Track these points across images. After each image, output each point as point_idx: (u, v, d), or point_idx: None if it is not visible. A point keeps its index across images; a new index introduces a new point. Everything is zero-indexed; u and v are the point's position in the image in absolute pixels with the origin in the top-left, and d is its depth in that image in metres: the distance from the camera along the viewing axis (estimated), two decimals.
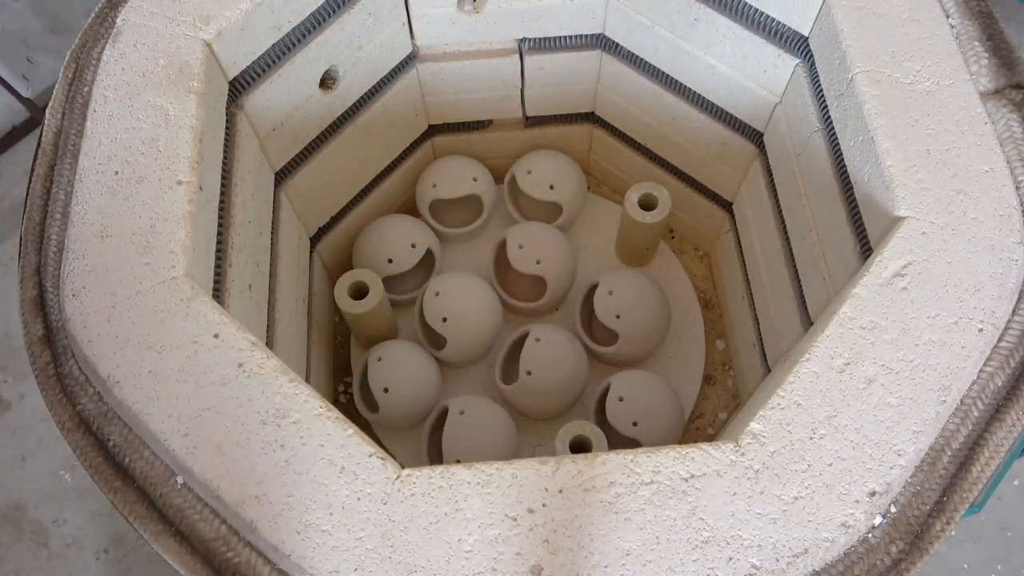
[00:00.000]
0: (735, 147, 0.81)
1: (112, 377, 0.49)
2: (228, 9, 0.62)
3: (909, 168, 0.53)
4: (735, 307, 0.89)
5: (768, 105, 0.74)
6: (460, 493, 0.45)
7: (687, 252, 1.00)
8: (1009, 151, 0.54)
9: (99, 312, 0.51)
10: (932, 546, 0.45)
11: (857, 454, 0.45)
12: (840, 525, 0.44)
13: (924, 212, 0.52)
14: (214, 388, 0.48)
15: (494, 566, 0.43)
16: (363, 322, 0.84)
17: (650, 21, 0.78)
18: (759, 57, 0.71)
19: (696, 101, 0.81)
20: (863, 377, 0.47)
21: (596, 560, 0.43)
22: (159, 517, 0.48)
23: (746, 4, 0.69)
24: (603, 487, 0.45)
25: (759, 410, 0.47)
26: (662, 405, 0.80)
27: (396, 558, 0.44)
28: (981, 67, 0.57)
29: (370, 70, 0.80)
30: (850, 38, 0.59)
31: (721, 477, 0.45)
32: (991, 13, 0.60)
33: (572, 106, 0.93)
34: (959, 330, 0.48)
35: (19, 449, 1.08)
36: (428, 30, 0.82)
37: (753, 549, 0.43)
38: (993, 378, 0.49)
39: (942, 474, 0.47)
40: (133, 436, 0.50)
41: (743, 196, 0.84)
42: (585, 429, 0.72)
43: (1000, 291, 0.49)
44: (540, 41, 0.84)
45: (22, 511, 1.04)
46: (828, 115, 0.63)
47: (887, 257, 0.51)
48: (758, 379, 0.80)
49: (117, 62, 0.60)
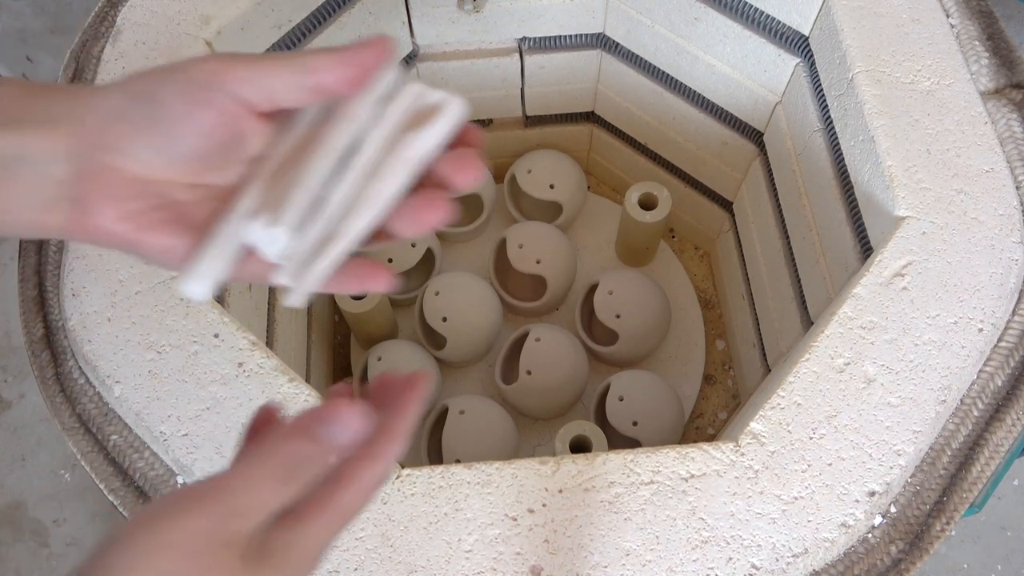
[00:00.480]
0: (735, 146, 0.81)
1: (112, 377, 0.49)
2: (228, 8, 0.62)
3: (909, 168, 0.53)
4: (735, 307, 0.89)
5: (768, 104, 0.74)
6: (460, 493, 0.45)
7: (687, 252, 1.00)
8: (1009, 151, 0.54)
9: (99, 312, 0.51)
10: (932, 546, 0.45)
11: (857, 454, 0.45)
12: (840, 525, 0.44)
13: (924, 212, 0.52)
14: (214, 388, 0.48)
15: (494, 566, 0.43)
16: (363, 322, 0.84)
17: (650, 20, 0.78)
18: (759, 56, 0.71)
19: (696, 100, 0.81)
20: (863, 377, 0.47)
21: (596, 560, 0.43)
22: None
23: (746, 3, 0.69)
24: (603, 487, 0.45)
25: (759, 410, 0.47)
26: (662, 405, 0.80)
27: (396, 558, 0.44)
28: (981, 67, 0.57)
29: None
30: (850, 38, 0.59)
31: (721, 477, 0.45)
32: (991, 13, 0.60)
33: (572, 106, 0.93)
34: (959, 330, 0.48)
35: (19, 449, 1.08)
36: (428, 29, 0.82)
37: (753, 549, 0.43)
38: (993, 378, 0.49)
39: (942, 474, 0.47)
40: (133, 436, 0.50)
41: (743, 196, 0.84)
42: (585, 429, 0.72)
43: (1000, 291, 0.49)
44: (540, 41, 0.84)
45: (22, 511, 1.05)
46: (828, 115, 0.63)
47: (887, 257, 0.51)
48: (758, 379, 0.80)
49: (117, 61, 0.60)
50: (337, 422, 0.26)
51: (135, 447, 0.49)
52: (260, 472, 0.25)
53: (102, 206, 0.28)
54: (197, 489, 0.25)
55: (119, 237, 0.28)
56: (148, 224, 0.28)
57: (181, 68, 0.28)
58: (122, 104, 0.28)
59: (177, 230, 0.29)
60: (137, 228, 0.28)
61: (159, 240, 0.28)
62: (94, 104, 0.28)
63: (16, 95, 0.28)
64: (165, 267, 0.30)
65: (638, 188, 0.86)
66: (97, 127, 0.27)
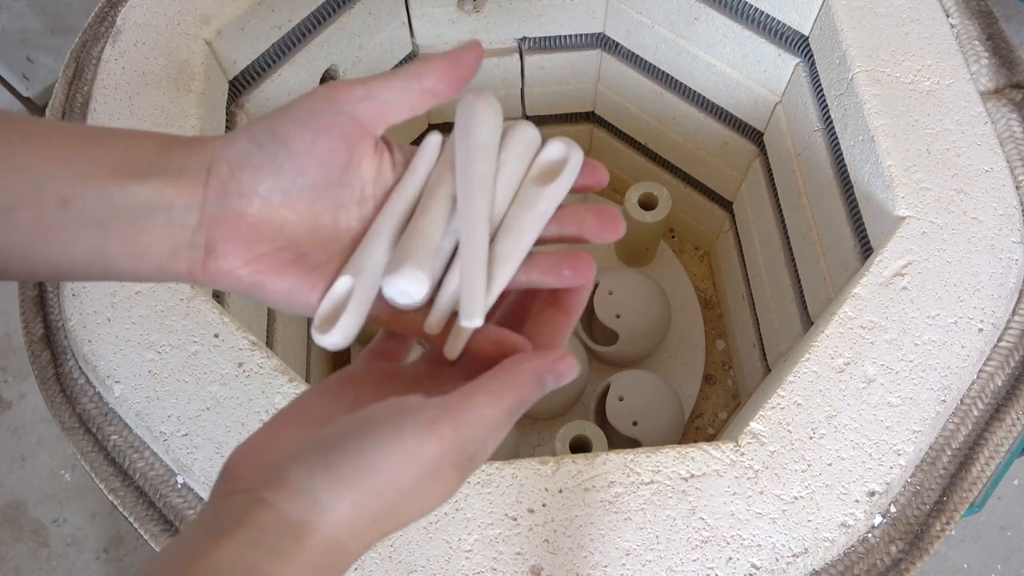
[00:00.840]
0: (735, 146, 0.81)
1: (112, 377, 0.49)
2: (228, 8, 0.62)
3: (909, 168, 0.53)
4: (735, 307, 0.89)
5: (768, 104, 0.74)
6: (460, 493, 0.45)
7: (687, 252, 1.00)
8: (1009, 151, 0.54)
9: (99, 312, 0.51)
10: (932, 546, 0.45)
11: (857, 454, 0.45)
12: (840, 525, 0.44)
13: (924, 212, 0.52)
14: (214, 388, 0.48)
15: (494, 566, 0.43)
16: None
17: (650, 20, 0.78)
18: (759, 56, 0.71)
19: (696, 100, 0.81)
20: (863, 377, 0.47)
21: (596, 560, 0.43)
22: (159, 517, 0.48)
23: (746, 3, 0.69)
24: (603, 487, 0.45)
25: (759, 410, 0.47)
26: (662, 405, 0.80)
27: (396, 558, 0.44)
28: (981, 67, 0.57)
29: (370, 69, 0.80)
30: (850, 37, 0.59)
31: (721, 477, 0.45)
32: (991, 12, 0.60)
33: (572, 106, 0.93)
34: (959, 330, 0.48)
35: (19, 449, 1.08)
36: (428, 29, 0.82)
37: (753, 549, 0.43)
38: (993, 378, 0.49)
39: (942, 474, 0.47)
40: (133, 436, 0.50)
41: (743, 195, 0.84)
42: (585, 429, 0.72)
43: (1000, 291, 0.49)
44: (540, 41, 0.84)
45: (22, 511, 1.05)
46: (828, 114, 0.63)
47: (887, 257, 0.51)
48: (758, 379, 0.80)
49: (117, 61, 0.60)
50: (563, 377, 0.29)
51: (135, 447, 0.49)
52: (493, 412, 0.27)
53: (228, 251, 0.29)
54: (431, 410, 0.27)
55: (243, 281, 0.29)
56: (272, 267, 0.29)
57: (299, 100, 0.29)
58: (248, 149, 0.29)
59: (300, 272, 0.30)
60: (262, 271, 0.29)
61: (283, 283, 0.30)
62: (220, 153, 0.29)
63: (153, 148, 0.29)
64: (283, 308, 0.30)
65: (638, 188, 0.86)
66: (225, 174, 0.29)
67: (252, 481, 0.27)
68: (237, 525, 0.25)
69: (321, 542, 0.26)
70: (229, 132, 0.34)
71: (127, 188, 0.28)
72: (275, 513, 0.26)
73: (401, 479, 0.26)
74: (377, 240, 0.30)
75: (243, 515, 0.26)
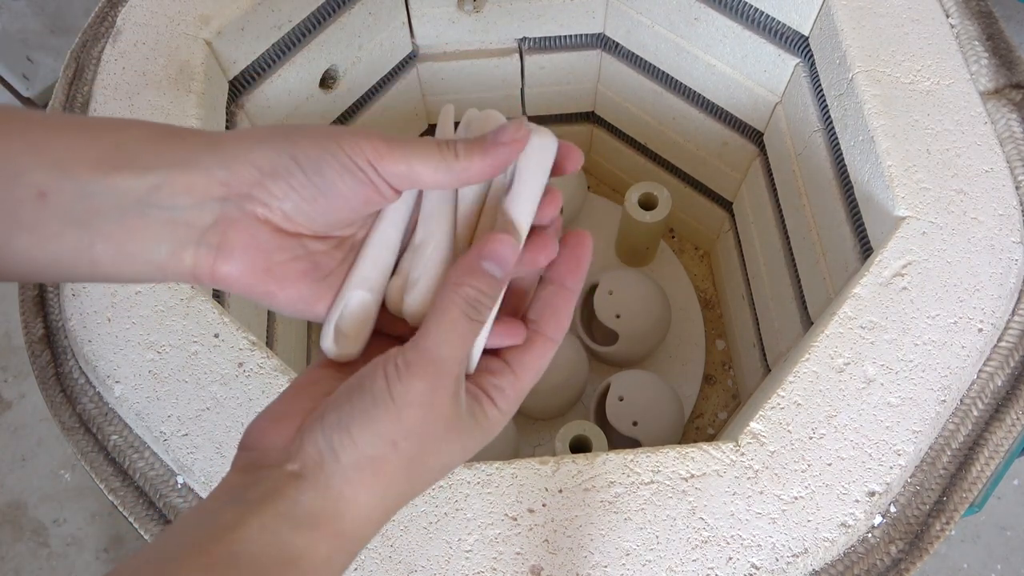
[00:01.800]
0: (735, 146, 0.81)
1: (112, 377, 0.49)
2: (228, 8, 0.62)
3: (909, 168, 0.53)
4: (735, 307, 0.89)
5: (768, 105, 0.74)
6: (460, 493, 0.45)
7: (687, 252, 1.00)
8: (1009, 151, 0.54)
9: (99, 312, 0.51)
10: (932, 546, 0.45)
11: (857, 454, 0.45)
12: (840, 525, 0.44)
13: (924, 212, 0.52)
14: (214, 388, 0.48)
15: (494, 566, 0.43)
16: None
17: (650, 20, 0.78)
18: (759, 56, 0.71)
19: (696, 101, 0.81)
20: (863, 377, 0.47)
21: (596, 560, 0.43)
22: (159, 517, 0.48)
23: (746, 3, 0.69)
24: (603, 487, 0.45)
25: (759, 410, 0.47)
26: (662, 405, 0.80)
27: (396, 558, 0.44)
28: (981, 67, 0.57)
29: (370, 70, 0.80)
30: (850, 38, 0.59)
31: (721, 477, 0.45)
32: (991, 13, 0.60)
33: (572, 106, 0.93)
34: (959, 330, 0.48)
35: (19, 449, 1.08)
36: (428, 30, 0.82)
37: (753, 549, 0.43)
38: (993, 378, 0.49)
39: (942, 474, 0.47)
40: (133, 436, 0.50)
41: (743, 196, 0.84)
42: (585, 429, 0.72)
43: (1000, 291, 0.49)
44: (540, 41, 0.84)
45: (22, 511, 1.05)
46: (828, 115, 0.63)
47: (887, 257, 0.51)
48: (758, 379, 0.80)
49: (117, 61, 0.60)
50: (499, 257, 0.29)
51: (135, 447, 0.49)
52: (447, 319, 0.28)
53: (245, 256, 0.28)
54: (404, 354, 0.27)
55: (255, 288, 0.29)
56: (286, 277, 0.29)
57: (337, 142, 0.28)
58: (280, 161, 0.28)
59: (311, 282, 0.30)
60: (275, 280, 0.29)
61: (295, 292, 0.30)
62: (241, 155, 0.28)
63: (143, 138, 0.28)
64: (285, 313, 0.31)
65: (638, 188, 0.86)
66: (249, 178, 0.28)
67: (274, 455, 0.27)
68: (265, 500, 0.26)
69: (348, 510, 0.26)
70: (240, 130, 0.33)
71: (112, 181, 0.26)
72: (302, 485, 0.26)
73: (407, 423, 0.27)
74: (382, 252, 0.31)
75: (271, 490, 0.26)
